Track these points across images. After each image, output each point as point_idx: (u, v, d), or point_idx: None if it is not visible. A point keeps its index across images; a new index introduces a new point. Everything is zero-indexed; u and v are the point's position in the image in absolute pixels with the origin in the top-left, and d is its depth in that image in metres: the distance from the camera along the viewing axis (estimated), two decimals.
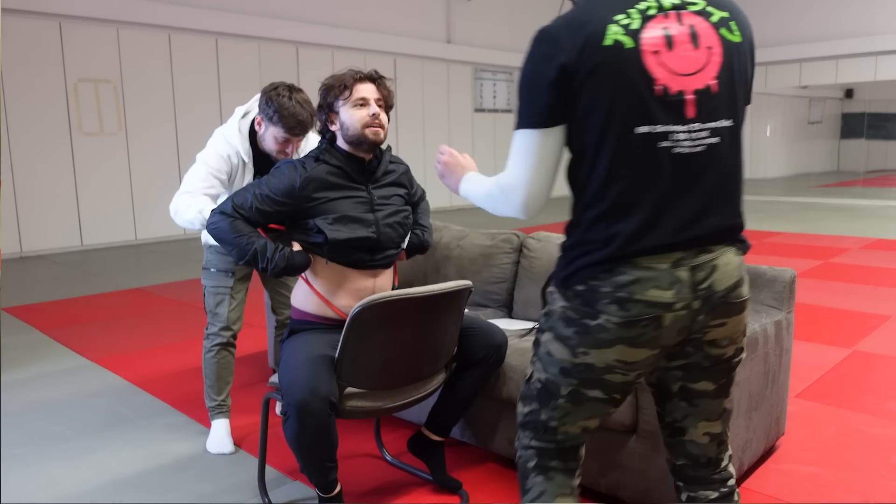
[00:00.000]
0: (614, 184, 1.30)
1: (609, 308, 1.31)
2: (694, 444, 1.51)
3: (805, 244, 7.88)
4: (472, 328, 2.31)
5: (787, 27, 13.08)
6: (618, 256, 1.30)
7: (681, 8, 1.30)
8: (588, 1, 1.33)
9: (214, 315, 2.78)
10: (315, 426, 1.91)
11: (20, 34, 7.67)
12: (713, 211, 1.35)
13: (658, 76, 1.27)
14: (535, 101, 1.31)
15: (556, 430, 1.48)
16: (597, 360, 1.36)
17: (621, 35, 1.26)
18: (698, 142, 1.30)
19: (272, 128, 2.51)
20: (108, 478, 2.56)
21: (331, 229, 2.17)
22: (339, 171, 2.23)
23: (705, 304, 1.34)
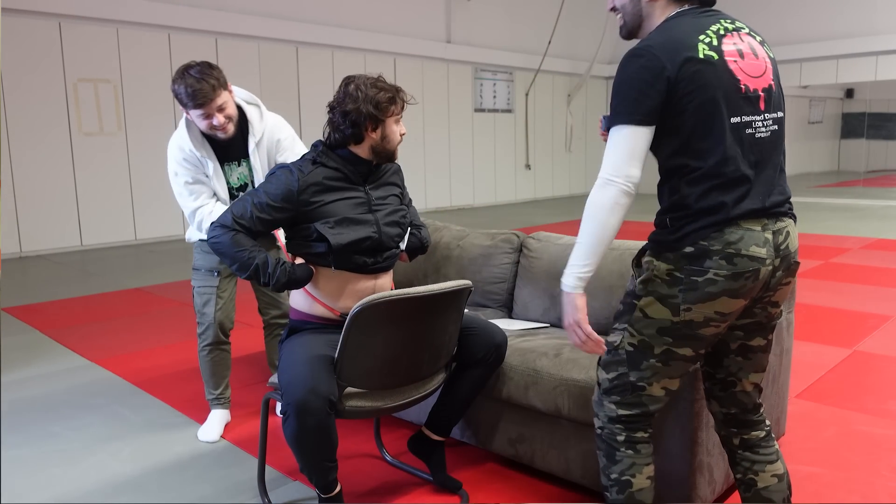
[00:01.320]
0: (716, 165, 1.57)
1: (719, 263, 1.56)
2: (744, 394, 1.79)
3: (805, 244, 7.88)
4: (472, 328, 2.31)
5: (787, 27, 13.07)
6: (726, 220, 1.56)
7: (738, 30, 1.67)
8: (669, 27, 1.62)
9: (202, 315, 2.85)
10: (315, 426, 1.91)
11: (20, 34, 7.67)
12: (777, 185, 1.65)
13: (741, 78, 1.60)
14: (637, 101, 1.56)
15: (644, 390, 1.69)
16: (697, 315, 1.60)
17: (708, 51, 1.58)
18: (768, 128, 1.64)
19: (189, 112, 2.60)
20: (108, 478, 2.56)
21: (333, 234, 2.16)
22: (337, 174, 2.23)
23: (782, 263, 1.64)
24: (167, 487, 2.48)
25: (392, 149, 2.28)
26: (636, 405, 1.70)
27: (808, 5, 12.81)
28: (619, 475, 1.72)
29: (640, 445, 1.72)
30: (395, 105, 2.23)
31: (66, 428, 3.02)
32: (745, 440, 1.81)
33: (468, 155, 12.76)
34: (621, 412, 1.72)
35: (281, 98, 10.07)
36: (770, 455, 1.80)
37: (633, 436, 1.72)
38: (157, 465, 2.65)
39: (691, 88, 1.55)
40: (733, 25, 1.67)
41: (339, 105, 2.20)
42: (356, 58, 10.87)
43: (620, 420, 1.72)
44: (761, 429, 1.81)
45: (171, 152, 2.72)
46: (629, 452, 1.72)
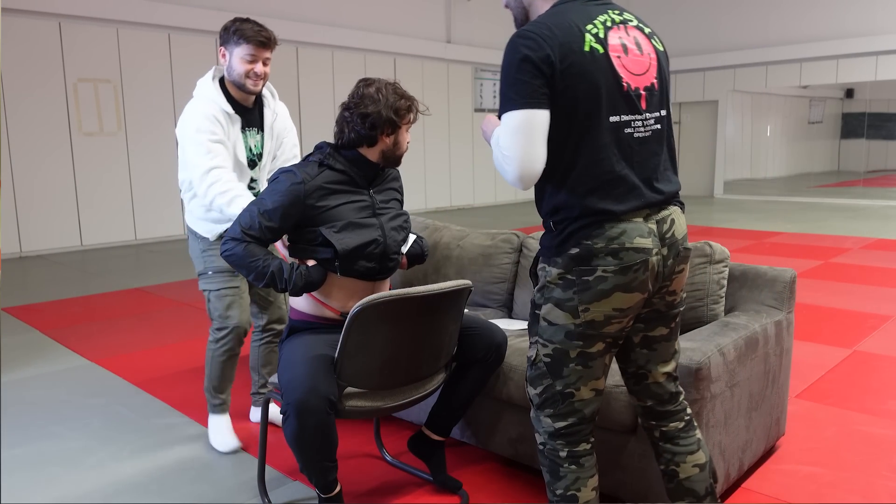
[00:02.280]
0: (597, 164, 1.56)
1: (605, 260, 1.56)
2: (657, 385, 1.79)
3: (805, 244, 7.88)
4: (472, 327, 2.31)
5: (787, 27, 13.07)
6: (606, 218, 1.56)
7: (626, 22, 1.63)
8: (556, 13, 1.58)
9: (226, 318, 2.70)
10: (315, 426, 1.91)
11: (20, 34, 7.67)
12: (661, 179, 1.66)
13: (623, 75, 1.57)
14: (527, 84, 1.51)
15: (573, 396, 1.68)
16: (596, 314, 1.60)
17: (594, 43, 1.55)
18: (648, 127, 1.63)
19: (237, 49, 2.56)
20: (108, 478, 2.56)
21: (338, 239, 2.15)
22: (344, 177, 2.23)
23: (670, 251, 1.64)
24: (167, 487, 2.48)
25: (400, 155, 2.30)
26: (570, 414, 1.69)
27: (808, 5, 12.80)
28: (564, 490, 1.71)
29: (582, 459, 1.71)
30: (411, 114, 2.26)
31: (66, 428, 3.02)
32: (664, 432, 1.81)
33: (468, 155, 12.76)
34: (558, 425, 1.70)
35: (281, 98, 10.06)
36: (690, 445, 1.80)
37: (575, 450, 1.71)
38: (157, 465, 2.65)
39: (573, 82, 1.51)
40: (621, 17, 1.63)
41: (357, 106, 2.19)
42: (356, 58, 10.87)
43: (560, 434, 1.71)
44: (680, 419, 1.81)
45: (195, 107, 2.58)
46: (572, 468, 1.70)
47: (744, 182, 15.70)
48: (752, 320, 2.40)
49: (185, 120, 2.58)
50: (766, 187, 15.56)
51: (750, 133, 16.55)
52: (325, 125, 10.40)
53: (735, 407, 2.23)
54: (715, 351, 2.11)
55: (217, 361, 2.77)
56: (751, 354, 2.29)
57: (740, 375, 2.24)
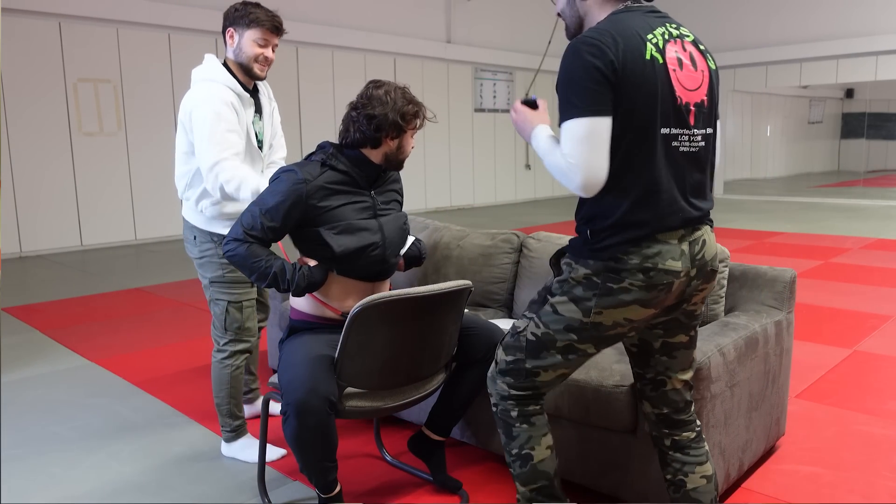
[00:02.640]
0: (644, 176, 1.56)
1: (636, 276, 1.58)
2: (675, 392, 1.80)
3: (805, 244, 7.88)
4: (472, 327, 2.31)
5: (787, 27, 13.07)
6: (644, 236, 1.57)
7: (682, 37, 1.63)
8: (618, 20, 1.57)
9: (246, 331, 2.63)
10: (315, 426, 1.91)
11: (20, 34, 7.67)
12: (698, 197, 1.66)
13: (677, 89, 1.58)
14: (592, 92, 1.50)
15: (537, 376, 1.73)
16: (607, 319, 1.63)
17: (655, 52, 1.55)
18: (694, 143, 1.63)
19: (249, 31, 2.50)
20: (108, 478, 2.56)
21: (337, 241, 2.15)
22: (346, 177, 2.23)
23: (699, 272, 1.65)
24: (167, 487, 2.48)
25: (403, 159, 2.30)
26: (528, 388, 1.75)
27: (808, 5, 12.80)
28: (518, 450, 1.77)
29: (533, 418, 1.76)
30: (418, 119, 2.26)
31: (66, 428, 3.02)
32: (676, 441, 1.83)
33: (468, 155, 12.76)
34: (513, 391, 1.76)
35: (281, 98, 10.06)
36: (700, 456, 1.82)
37: (526, 409, 1.76)
38: (157, 465, 2.65)
39: (633, 89, 1.52)
40: (678, 32, 1.64)
41: (365, 107, 2.19)
42: (356, 58, 10.87)
43: (512, 397, 1.77)
44: (692, 429, 1.84)
45: (213, 92, 2.46)
46: (524, 427, 1.76)
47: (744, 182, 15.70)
48: (752, 320, 2.40)
49: (202, 104, 2.44)
50: (766, 187, 15.56)
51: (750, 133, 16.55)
52: (325, 125, 10.40)
53: (735, 407, 2.23)
54: (715, 351, 2.11)
55: (230, 376, 2.63)
56: (751, 354, 2.29)
57: (740, 375, 2.24)
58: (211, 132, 2.42)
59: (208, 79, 2.52)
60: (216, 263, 2.59)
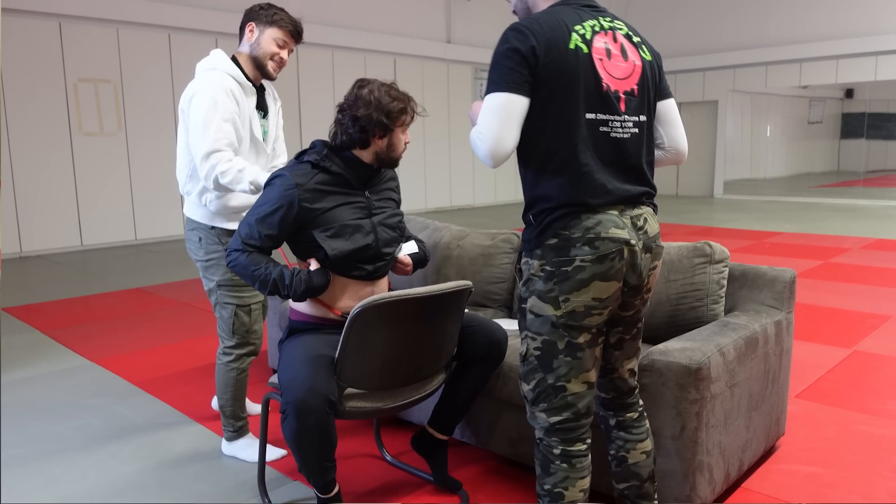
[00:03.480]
0: (573, 157, 1.63)
1: (582, 249, 1.62)
2: (621, 380, 1.89)
3: (805, 244, 7.88)
4: (472, 326, 2.31)
5: (787, 27, 13.07)
6: (582, 209, 1.63)
7: (614, 29, 1.71)
8: (549, 12, 1.67)
9: (252, 333, 2.63)
10: (314, 425, 1.90)
11: (20, 34, 7.67)
12: (636, 179, 1.72)
13: (603, 77, 1.65)
14: (511, 71, 1.59)
15: (565, 389, 1.72)
16: (577, 304, 1.65)
17: (580, 42, 1.63)
18: (626, 129, 1.69)
19: (271, 30, 2.52)
20: (108, 478, 2.56)
21: (331, 244, 2.15)
22: (338, 179, 2.22)
23: (645, 246, 1.71)
24: (167, 487, 2.48)
25: (396, 157, 2.28)
26: (564, 408, 1.73)
27: (808, 5, 12.80)
28: (551, 487, 1.75)
29: (575, 460, 1.74)
30: (405, 115, 2.23)
31: (66, 428, 3.02)
32: (620, 421, 1.92)
33: (468, 155, 12.76)
34: (553, 420, 1.74)
35: (281, 98, 10.06)
36: (641, 434, 1.92)
37: (569, 449, 1.74)
38: (157, 465, 2.65)
39: (553, 75, 1.59)
40: (610, 24, 1.71)
41: (350, 108, 2.19)
42: (356, 58, 10.87)
43: (555, 430, 1.74)
44: (635, 410, 1.93)
45: (212, 80, 2.45)
46: (563, 466, 1.74)
47: (744, 182, 15.70)
48: (752, 320, 2.40)
49: (201, 91, 2.43)
50: (766, 187, 15.55)
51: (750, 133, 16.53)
52: (325, 125, 10.37)
53: (735, 407, 2.23)
54: (715, 351, 2.11)
55: (236, 379, 2.64)
56: (751, 354, 2.29)
57: (740, 375, 2.24)
58: (206, 121, 2.40)
59: (210, 68, 2.52)
60: (224, 266, 2.55)
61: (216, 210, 2.55)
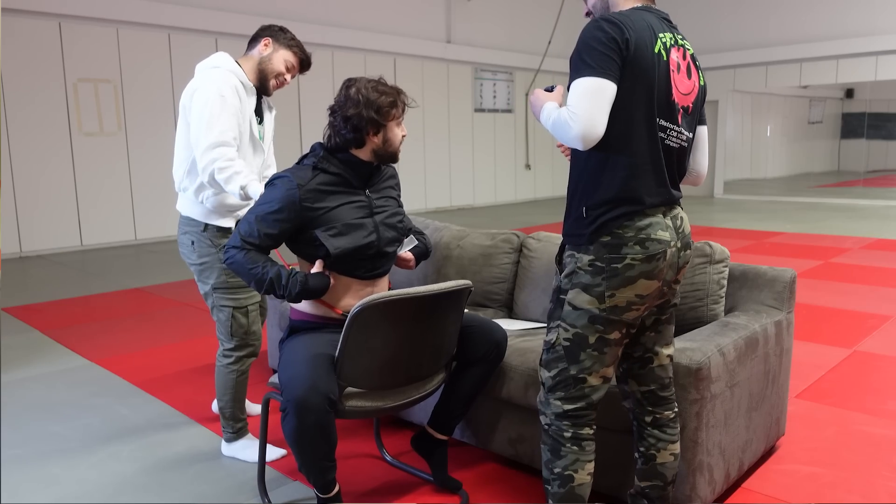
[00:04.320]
0: (637, 155, 1.70)
1: (633, 249, 1.69)
2: (661, 368, 1.91)
3: (805, 244, 7.88)
4: (472, 325, 2.31)
5: (787, 27, 13.07)
6: (636, 210, 1.70)
7: (685, 48, 1.80)
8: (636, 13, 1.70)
9: (251, 335, 2.63)
10: (314, 423, 1.90)
11: (20, 34, 7.67)
12: (675, 186, 1.82)
13: (674, 88, 1.73)
14: (605, 57, 1.61)
15: (585, 381, 1.79)
16: (620, 300, 1.72)
17: (662, 49, 1.70)
18: (678, 142, 1.79)
19: (284, 51, 2.61)
20: (108, 478, 2.56)
21: (332, 243, 2.15)
22: (338, 179, 2.22)
23: (682, 243, 1.80)
24: (167, 487, 2.48)
25: (394, 151, 2.28)
26: (580, 398, 1.80)
27: (808, 5, 12.80)
28: (562, 470, 1.82)
29: (584, 442, 1.82)
30: (396, 109, 2.22)
31: (66, 428, 3.02)
32: (657, 418, 1.93)
33: (468, 155, 12.76)
34: (567, 407, 1.81)
35: (281, 98, 10.07)
36: (674, 435, 1.94)
37: (580, 433, 1.81)
38: (157, 465, 2.65)
39: (638, 73, 1.65)
40: (682, 42, 1.80)
41: (341, 109, 2.19)
42: (356, 58, 10.87)
43: (567, 416, 1.81)
44: (672, 409, 1.95)
45: (216, 76, 2.48)
46: (574, 448, 1.81)
47: (744, 182, 15.69)
48: (752, 320, 2.40)
49: (206, 84, 2.45)
50: (766, 187, 15.55)
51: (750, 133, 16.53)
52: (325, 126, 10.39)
53: (735, 407, 2.23)
54: (715, 351, 2.11)
55: (236, 381, 2.63)
56: (751, 354, 2.29)
57: (740, 375, 2.24)
58: (212, 114, 2.42)
59: (213, 66, 2.54)
60: (218, 269, 2.56)
61: (213, 207, 2.54)
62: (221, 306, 2.59)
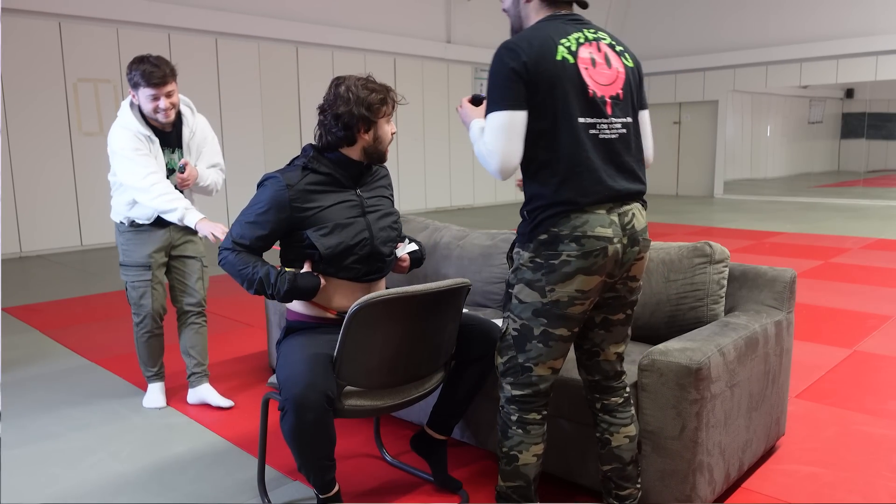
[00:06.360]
0: (565, 157, 1.77)
1: (569, 246, 1.76)
2: (607, 362, 2.00)
3: (805, 244, 7.88)
4: (470, 325, 2.31)
5: (787, 27, 13.06)
6: (572, 209, 1.76)
7: (598, 40, 1.86)
8: (538, 27, 1.82)
9: (139, 307, 3.11)
10: (313, 422, 1.90)
11: (20, 34, 7.67)
12: (625, 178, 1.84)
13: (589, 84, 1.79)
14: (508, 89, 1.74)
15: (531, 371, 1.89)
16: (561, 294, 1.79)
17: (566, 54, 1.77)
18: (615, 131, 1.84)
19: (140, 91, 2.90)
20: (108, 478, 2.56)
21: (323, 242, 2.15)
22: (328, 178, 2.22)
23: (630, 240, 1.83)
24: (167, 487, 2.48)
25: (384, 149, 2.28)
26: (527, 385, 1.90)
27: (808, 5, 12.80)
28: (508, 449, 1.94)
29: (530, 427, 1.92)
30: (386, 105, 2.23)
31: (66, 428, 3.02)
32: (605, 404, 2.03)
33: (468, 155, 12.76)
34: (515, 393, 1.92)
35: (281, 98, 10.07)
36: (626, 419, 2.02)
37: (525, 417, 1.92)
38: (157, 465, 2.65)
39: (545, 86, 1.74)
40: (594, 35, 1.86)
41: (331, 108, 2.19)
42: (356, 58, 10.87)
43: (515, 401, 1.92)
44: (620, 395, 2.03)
45: (118, 134, 2.96)
46: (519, 432, 1.92)
47: (744, 182, 15.69)
48: (752, 320, 2.40)
49: (116, 140, 2.96)
50: (766, 187, 15.55)
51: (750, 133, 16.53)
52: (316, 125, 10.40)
53: (735, 407, 2.23)
54: (715, 351, 2.11)
55: (140, 343, 3.17)
56: (751, 354, 2.29)
57: (740, 375, 2.24)
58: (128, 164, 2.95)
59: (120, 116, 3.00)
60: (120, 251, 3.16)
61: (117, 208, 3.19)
62: (122, 279, 3.13)
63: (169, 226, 3.07)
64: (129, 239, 3.07)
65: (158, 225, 3.06)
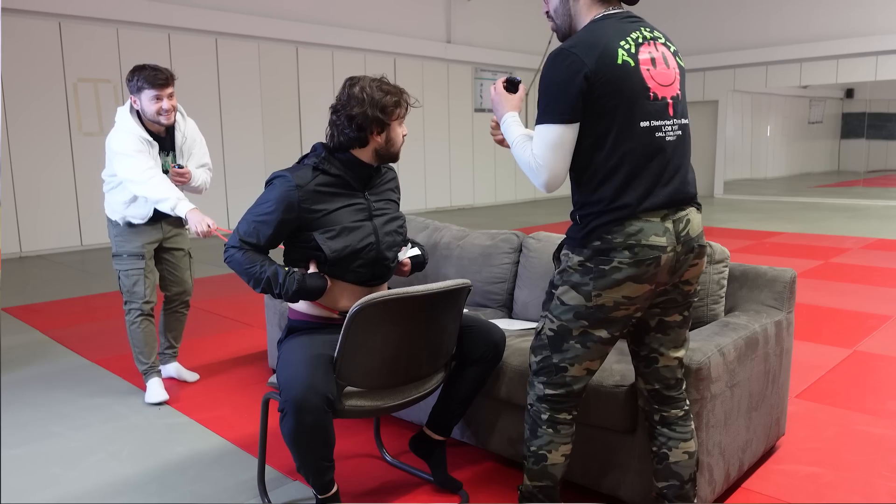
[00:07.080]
0: (624, 163, 1.72)
1: (622, 254, 1.72)
2: (667, 368, 1.92)
3: (805, 244, 7.88)
4: (470, 326, 2.31)
5: (787, 27, 13.06)
6: (626, 216, 1.72)
7: (655, 39, 1.81)
8: (594, 29, 1.74)
9: (132, 293, 3.23)
10: (312, 423, 1.90)
11: (20, 34, 7.67)
12: (681, 181, 1.81)
13: (651, 86, 1.74)
14: (565, 101, 1.69)
15: (566, 371, 1.85)
16: (607, 300, 1.75)
17: (626, 57, 1.71)
18: (675, 133, 1.80)
19: (143, 94, 3.08)
20: (108, 478, 2.56)
21: (330, 245, 2.15)
22: (338, 180, 2.22)
23: (685, 247, 1.79)
24: (167, 487, 2.48)
25: (396, 151, 2.27)
26: (560, 385, 1.87)
27: (808, 5, 12.80)
28: (537, 448, 1.91)
29: (560, 426, 1.90)
30: (400, 108, 2.22)
31: (66, 428, 3.02)
32: (664, 417, 1.95)
33: (468, 155, 12.76)
34: (548, 392, 1.89)
35: (281, 98, 10.07)
36: (686, 434, 1.94)
37: (556, 416, 1.89)
38: (157, 465, 2.65)
39: (607, 90, 1.69)
40: (651, 34, 1.81)
41: (344, 108, 2.17)
42: (356, 58, 10.87)
43: (547, 399, 1.89)
44: (680, 407, 1.95)
45: (120, 136, 3.10)
46: (549, 431, 1.90)
47: (744, 182, 15.69)
48: (752, 320, 2.40)
49: (119, 142, 3.10)
50: (766, 187, 15.55)
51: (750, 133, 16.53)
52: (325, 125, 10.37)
53: (735, 407, 2.23)
54: (715, 351, 2.11)
55: (133, 330, 3.26)
56: (751, 354, 2.29)
57: (740, 375, 2.24)
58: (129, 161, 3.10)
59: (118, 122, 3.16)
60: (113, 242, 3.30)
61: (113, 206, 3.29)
62: (115, 269, 3.25)
63: (161, 222, 3.27)
64: (123, 231, 3.22)
65: (151, 224, 3.24)
